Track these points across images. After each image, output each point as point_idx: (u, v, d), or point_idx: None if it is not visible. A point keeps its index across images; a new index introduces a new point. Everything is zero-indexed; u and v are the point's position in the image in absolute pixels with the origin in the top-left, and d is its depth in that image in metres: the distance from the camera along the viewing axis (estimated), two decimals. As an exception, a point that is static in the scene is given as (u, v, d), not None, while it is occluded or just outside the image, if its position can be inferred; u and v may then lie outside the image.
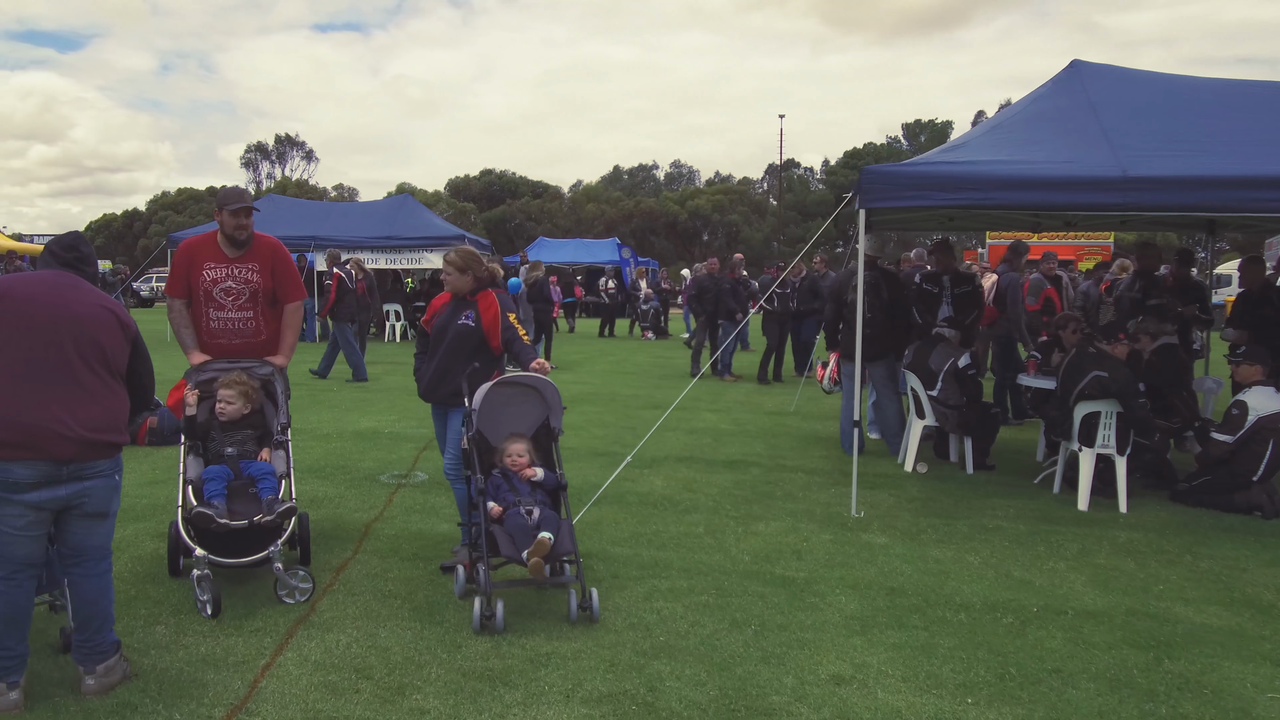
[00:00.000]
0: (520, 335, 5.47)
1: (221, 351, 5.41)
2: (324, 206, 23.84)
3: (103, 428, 3.68)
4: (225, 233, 5.39)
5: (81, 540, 3.78)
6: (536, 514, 4.84)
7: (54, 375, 3.58)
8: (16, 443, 3.47)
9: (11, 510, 3.51)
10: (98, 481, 3.70)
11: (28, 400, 3.51)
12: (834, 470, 8.44)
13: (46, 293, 3.68)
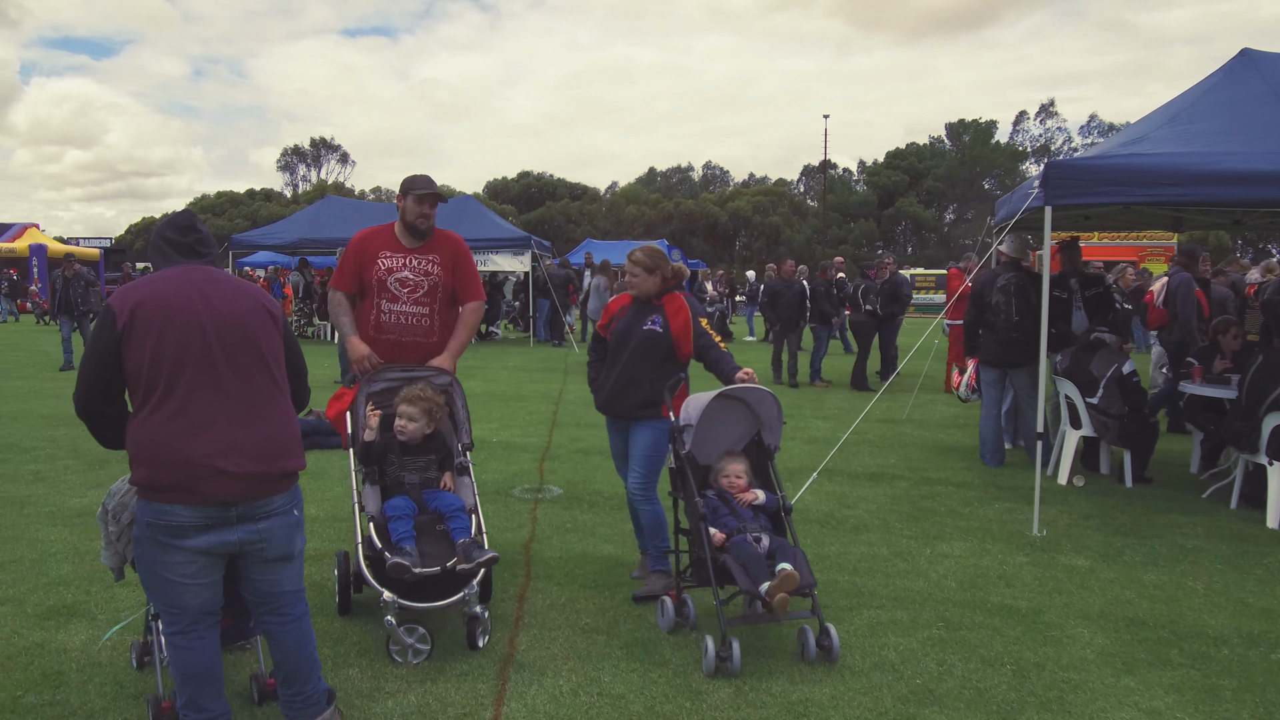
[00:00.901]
0: (716, 342, 4.98)
1: (389, 349, 4.91)
2: (386, 208, 23.36)
3: (274, 453, 3.08)
4: (407, 220, 4.92)
5: (268, 587, 3.24)
6: (766, 541, 4.33)
7: (209, 396, 2.99)
8: (178, 485, 2.93)
9: (177, 557, 2.99)
10: (274, 522, 3.11)
11: (188, 433, 2.94)
12: (985, 484, 7.94)
13: (183, 296, 3.03)
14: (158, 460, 2.92)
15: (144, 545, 3.02)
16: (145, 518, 2.98)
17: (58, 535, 5.83)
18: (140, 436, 2.95)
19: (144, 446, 2.95)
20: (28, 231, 37.31)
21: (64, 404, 11.25)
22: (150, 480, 2.94)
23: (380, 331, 4.90)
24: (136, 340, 2.94)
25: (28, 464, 7.88)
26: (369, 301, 4.91)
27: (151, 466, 2.93)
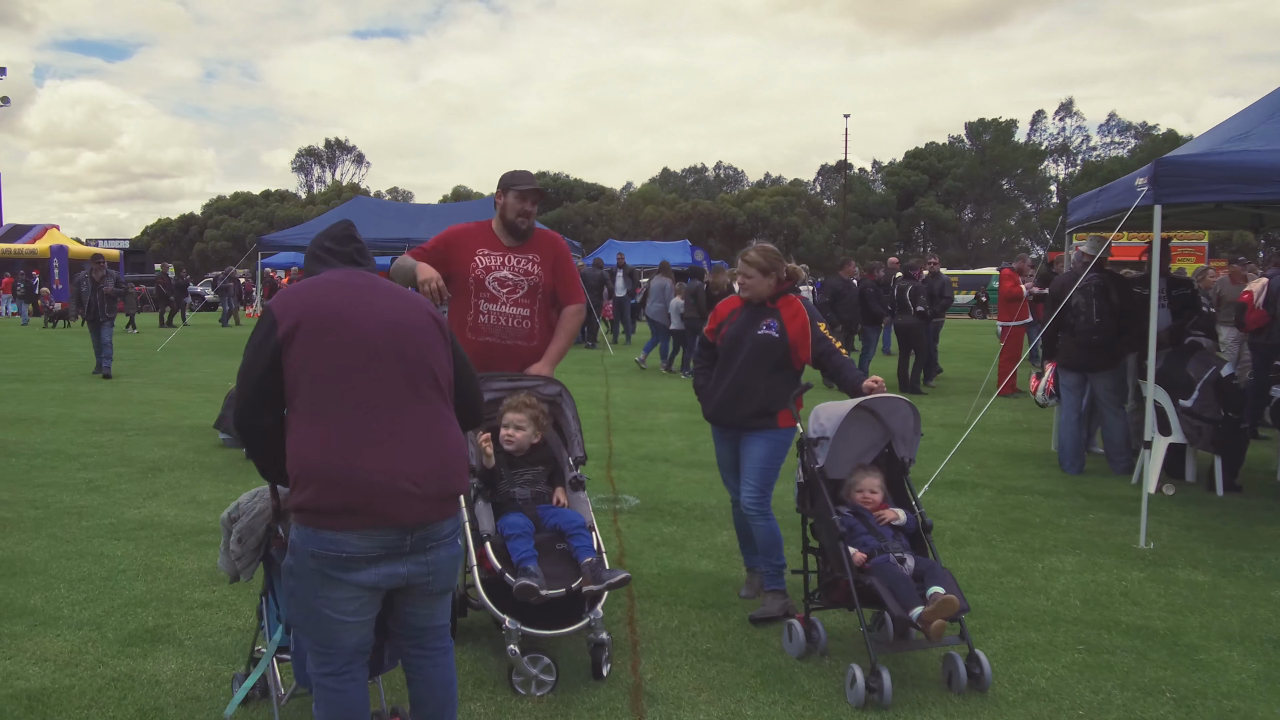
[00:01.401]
0: (837, 347, 4.65)
1: (486, 352, 4.57)
2: (415, 208, 23.10)
3: (449, 474, 2.78)
4: (507, 218, 4.60)
5: (422, 622, 2.90)
6: (910, 562, 4.00)
7: (382, 410, 2.68)
8: (352, 507, 2.57)
9: (342, 593, 2.64)
10: (443, 552, 2.79)
11: (361, 449, 2.61)
12: (1071, 492, 7.61)
13: (352, 303, 2.74)
14: (330, 480, 2.57)
15: (303, 579, 2.65)
16: (309, 548, 2.60)
17: (123, 550, 5.53)
18: (306, 454, 2.60)
19: (311, 465, 2.59)
20: (48, 233, 37.25)
21: (104, 408, 10.99)
22: (318, 503, 2.57)
23: (478, 333, 4.58)
24: (300, 347, 2.62)
25: (78, 472, 7.59)
26: (465, 301, 4.60)
27: (321, 487, 2.57)
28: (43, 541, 5.69)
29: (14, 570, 5.13)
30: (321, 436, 2.58)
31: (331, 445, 2.58)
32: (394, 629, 2.88)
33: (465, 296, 4.60)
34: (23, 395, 12.15)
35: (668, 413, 11.31)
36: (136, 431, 9.48)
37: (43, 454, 8.30)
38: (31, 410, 10.84)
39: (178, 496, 6.84)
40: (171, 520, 6.19)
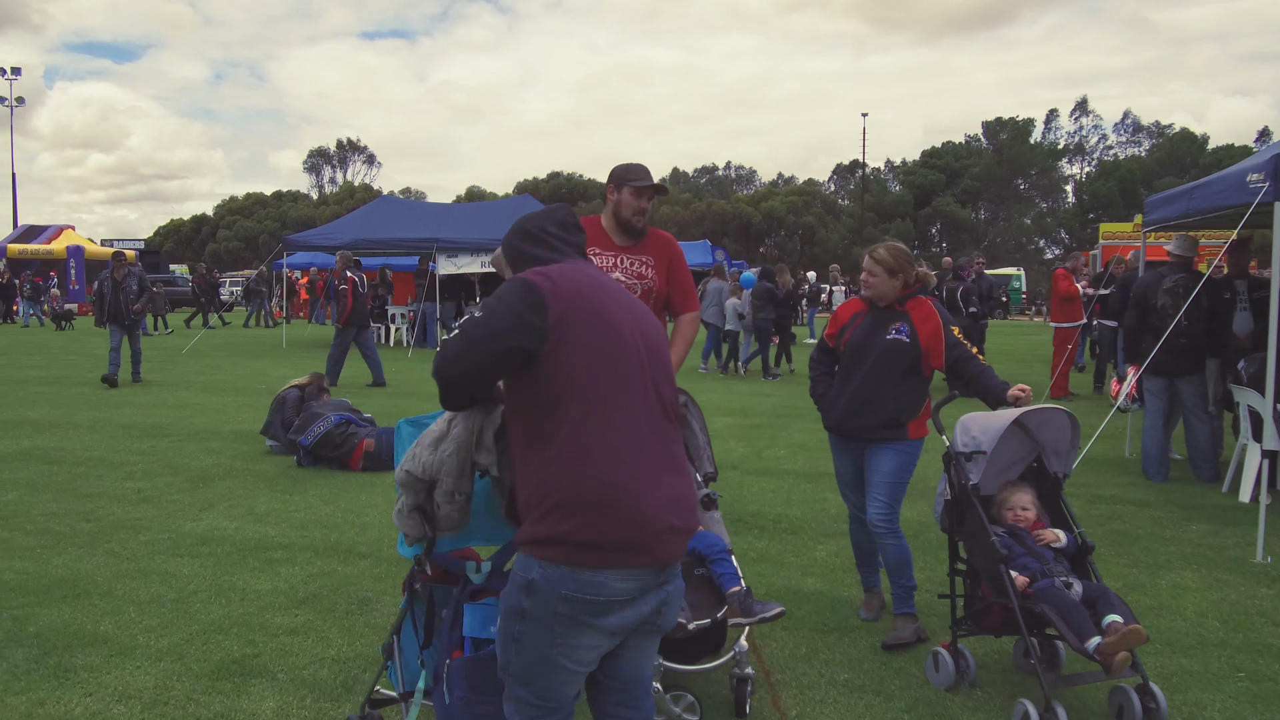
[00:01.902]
0: (974, 352, 4.29)
1: None
2: (440, 208, 22.77)
3: (695, 504, 2.47)
4: (621, 215, 4.22)
5: (635, 669, 2.46)
6: (1078, 587, 3.63)
7: (649, 435, 2.29)
8: (622, 543, 2.18)
9: (590, 639, 2.24)
10: (676, 585, 2.39)
11: (633, 477, 2.21)
12: (1164, 501, 7.25)
13: (615, 306, 2.34)
14: (602, 512, 2.16)
15: (541, 625, 2.20)
16: (560, 590, 2.15)
17: (189, 568, 5.18)
18: (573, 479, 2.17)
19: (581, 492, 2.16)
20: (64, 233, 36.98)
21: (140, 412, 10.65)
22: (582, 537, 2.15)
23: None
24: (575, 346, 2.20)
25: (126, 481, 7.25)
26: None
27: (590, 519, 2.15)
28: (101, 558, 5.34)
29: (77, 591, 4.78)
30: (594, 459, 2.17)
31: (605, 471, 2.17)
32: (602, 680, 2.42)
33: None
34: (54, 398, 11.82)
35: (722, 417, 10.95)
36: (178, 437, 9.14)
37: (85, 461, 7.97)
38: (65, 414, 10.51)
39: (234, 508, 6.50)
40: (232, 535, 5.85)
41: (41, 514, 6.26)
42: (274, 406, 8.43)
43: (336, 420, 7.69)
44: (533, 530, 2.20)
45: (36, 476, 7.37)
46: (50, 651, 4.01)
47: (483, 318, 2.24)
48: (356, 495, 6.88)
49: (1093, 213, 63.57)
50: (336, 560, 5.35)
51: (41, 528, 5.94)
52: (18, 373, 14.88)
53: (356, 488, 7.11)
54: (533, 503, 2.21)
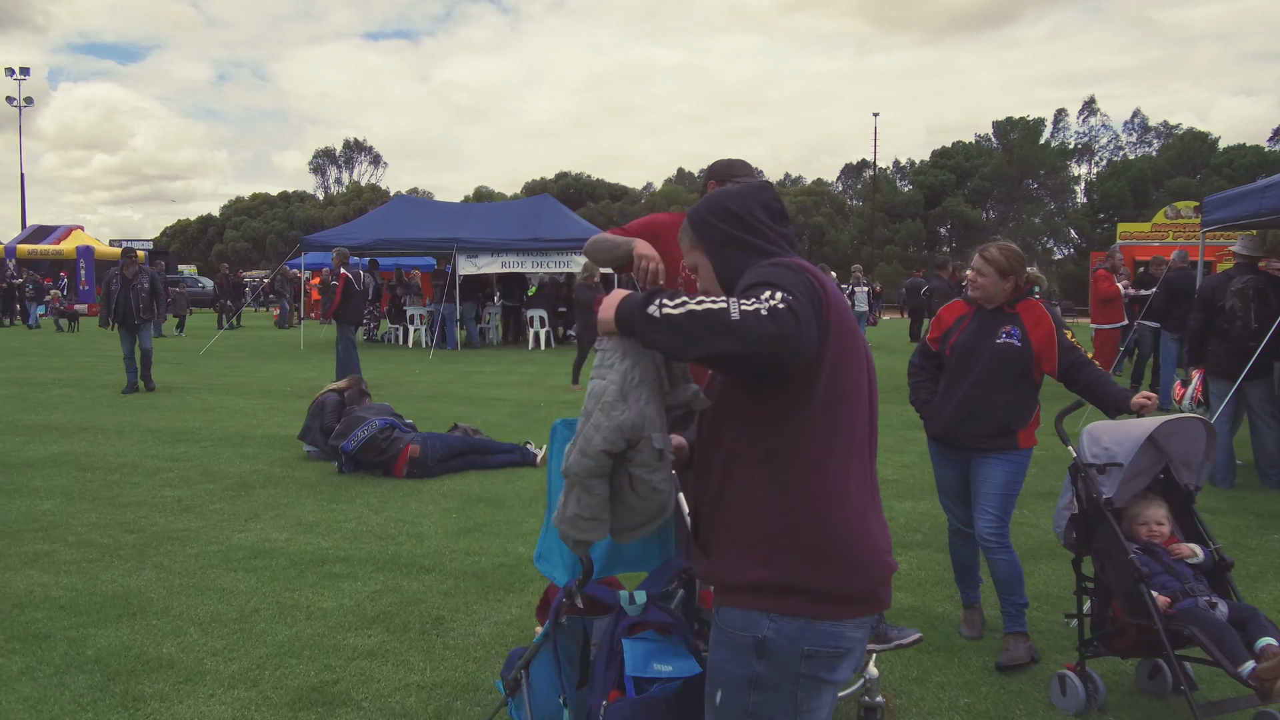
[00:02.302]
0: (1089, 358, 4.03)
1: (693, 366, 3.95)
2: (461, 208, 22.53)
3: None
4: None
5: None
6: (1223, 608, 3.38)
7: (868, 459, 1.96)
8: (864, 592, 1.87)
9: (827, 698, 1.91)
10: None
11: (868, 514, 1.91)
12: (1235, 509, 7.03)
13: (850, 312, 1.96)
14: (849, 556, 1.85)
15: (782, 691, 1.85)
16: (801, 645, 1.83)
17: (245, 584, 4.92)
18: (818, 515, 1.84)
19: (826, 533, 1.84)
20: (73, 234, 36.71)
21: (167, 416, 10.41)
22: (827, 584, 1.83)
23: None
24: (827, 353, 1.84)
25: (163, 489, 6.99)
26: None
27: (837, 564, 1.84)
28: (151, 573, 5.09)
29: (131, 609, 4.52)
30: (838, 497, 1.86)
31: (849, 512, 1.86)
32: None
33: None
34: (76, 402, 11.58)
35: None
36: (209, 442, 8.88)
37: (118, 468, 7.71)
38: (90, 418, 10.26)
39: (280, 518, 6.24)
40: (284, 547, 5.59)
41: (81, 525, 6.01)
42: (312, 411, 8.17)
43: (380, 425, 7.43)
44: (757, 574, 1.83)
45: (71, 484, 7.11)
46: (114, 678, 3.76)
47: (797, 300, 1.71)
48: (405, 504, 6.62)
49: (1103, 213, 63.26)
50: (399, 575, 5.09)
51: (84, 539, 5.69)
52: (36, 375, 14.63)
53: (404, 495, 6.85)
54: (756, 540, 1.84)
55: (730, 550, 1.88)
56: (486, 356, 18.28)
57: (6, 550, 5.45)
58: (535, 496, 6.86)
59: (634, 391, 1.85)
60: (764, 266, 1.87)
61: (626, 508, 1.94)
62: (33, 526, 5.94)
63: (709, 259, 2.04)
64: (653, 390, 1.88)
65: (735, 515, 1.88)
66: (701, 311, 1.68)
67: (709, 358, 1.70)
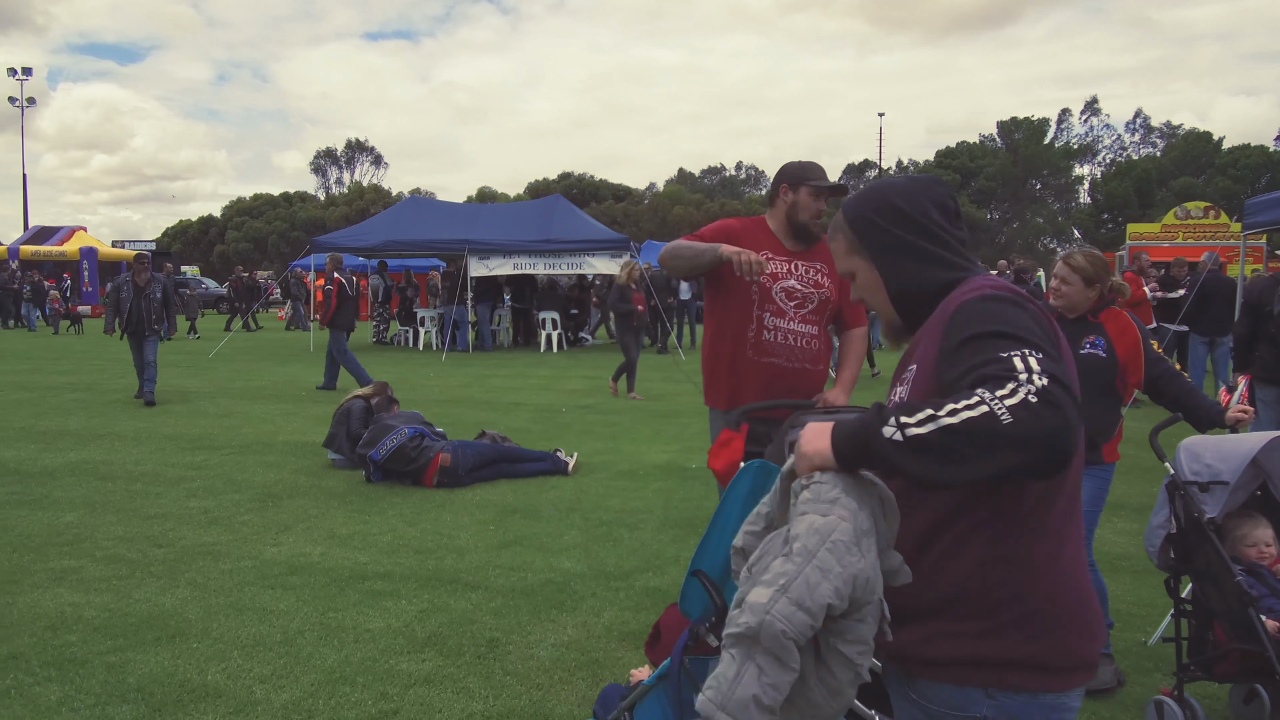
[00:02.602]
0: (1178, 370, 3.86)
1: (769, 376, 3.77)
2: (471, 208, 22.32)
3: None
4: (797, 219, 3.77)
5: None
6: (1334, 633, 3.20)
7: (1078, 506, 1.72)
8: (1087, 660, 1.64)
9: None
10: None
11: (1084, 575, 1.68)
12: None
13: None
14: (1079, 623, 1.63)
15: None
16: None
17: (285, 603, 4.73)
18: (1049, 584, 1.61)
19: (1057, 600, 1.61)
20: (76, 235, 36.50)
21: (183, 421, 10.21)
22: (1057, 656, 1.60)
23: (761, 353, 3.77)
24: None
25: (188, 500, 6.79)
26: (743, 313, 3.78)
27: (1067, 633, 1.61)
28: (185, 590, 4.89)
29: (169, 631, 4.33)
30: (1066, 558, 1.64)
31: (1076, 573, 1.65)
32: None
33: (745, 307, 3.79)
34: (89, 407, 11.37)
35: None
36: (230, 449, 8.69)
37: (139, 477, 7.51)
38: (105, 424, 10.06)
39: (312, 531, 6.05)
40: (320, 562, 5.40)
41: (107, 538, 5.81)
42: (337, 418, 7.98)
43: (410, 434, 7.24)
44: (977, 648, 1.60)
45: (92, 494, 6.92)
46: (160, 709, 3.56)
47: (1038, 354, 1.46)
48: (439, 515, 6.43)
49: (1107, 213, 63.11)
50: (444, 592, 4.89)
51: (111, 554, 5.49)
52: (46, 379, 14.43)
53: (436, 506, 6.65)
54: (976, 610, 1.61)
55: (938, 621, 1.63)
56: (499, 359, 18.08)
57: (33, 566, 5.25)
58: (572, 507, 6.67)
59: (865, 539, 1.46)
60: (977, 303, 1.59)
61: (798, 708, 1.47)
62: (57, 540, 5.75)
63: (874, 266, 1.81)
64: (876, 545, 1.50)
65: (948, 583, 1.62)
66: (960, 424, 1.36)
67: (987, 478, 1.40)
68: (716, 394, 3.92)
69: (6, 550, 5.53)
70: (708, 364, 3.96)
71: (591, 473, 7.84)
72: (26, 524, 6.10)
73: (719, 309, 3.89)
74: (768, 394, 3.72)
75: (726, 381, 3.85)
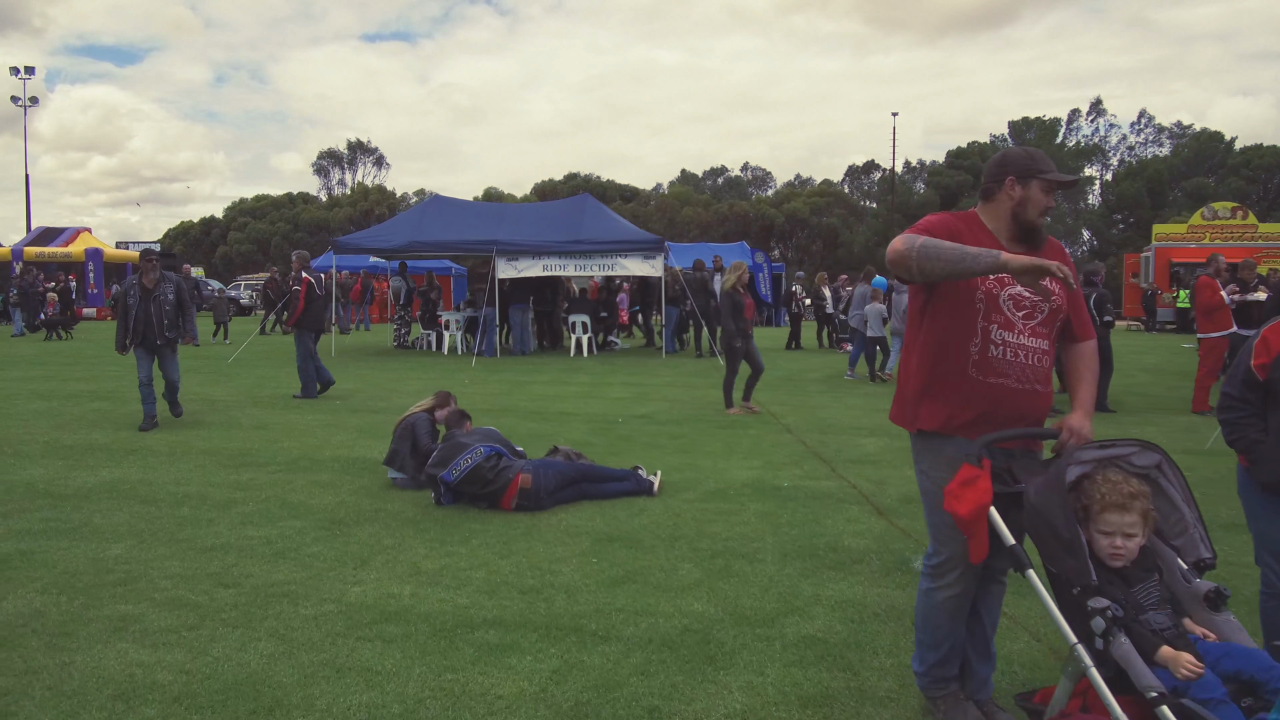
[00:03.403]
0: None
1: (995, 399, 3.18)
2: (496, 208, 21.55)
3: None
4: (1025, 216, 3.23)
5: None
6: None
7: None
8: None
9: None
10: None
11: None
12: None
13: None
14: None
15: None
16: None
17: (391, 661, 4.01)
18: None
19: None
20: (80, 236, 35.76)
21: (218, 434, 9.49)
22: None
23: (986, 371, 3.18)
24: None
25: (245, 528, 6.08)
26: (965, 325, 3.20)
27: None
28: (268, 644, 4.18)
29: (265, 701, 3.61)
30: None
31: None
32: None
33: (968, 318, 3.20)
34: (114, 418, 10.65)
35: (869, 438, 9.78)
36: (275, 467, 7.97)
37: (184, 499, 6.80)
38: (134, 438, 9.34)
39: (393, 565, 5.34)
40: (413, 605, 4.69)
41: (165, 576, 5.10)
42: (399, 433, 7.26)
43: (487, 452, 6.53)
44: None
45: (137, 521, 6.20)
46: (281, 816, 2.85)
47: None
48: (530, 545, 5.73)
49: (1119, 213, 62.58)
50: (571, 644, 4.19)
51: (173, 597, 4.78)
52: (63, 386, 13.69)
53: (523, 534, 5.95)
54: None
55: None
56: (531, 365, 17.39)
57: (85, 613, 4.53)
58: (673, 535, 5.97)
59: None
60: None
61: None
62: (108, 580, 5.03)
63: None
64: None
65: None
66: None
67: None
68: (929, 415, 3.29)
69: (53, 592, 4.81)
70: (915, 381, 3.35)
71: (677, 493, 7.14)
72: (70, 558, 5.39)
73: (931, 318, 3.31)
74: (993, 420, 3.17)
75: (943, 404, 3.24)
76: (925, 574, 3.41)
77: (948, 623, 3.35)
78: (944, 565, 3.28)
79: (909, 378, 3.41)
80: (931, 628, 3.38)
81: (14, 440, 9.09)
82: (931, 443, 3.31)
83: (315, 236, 62.54)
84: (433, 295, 21.18)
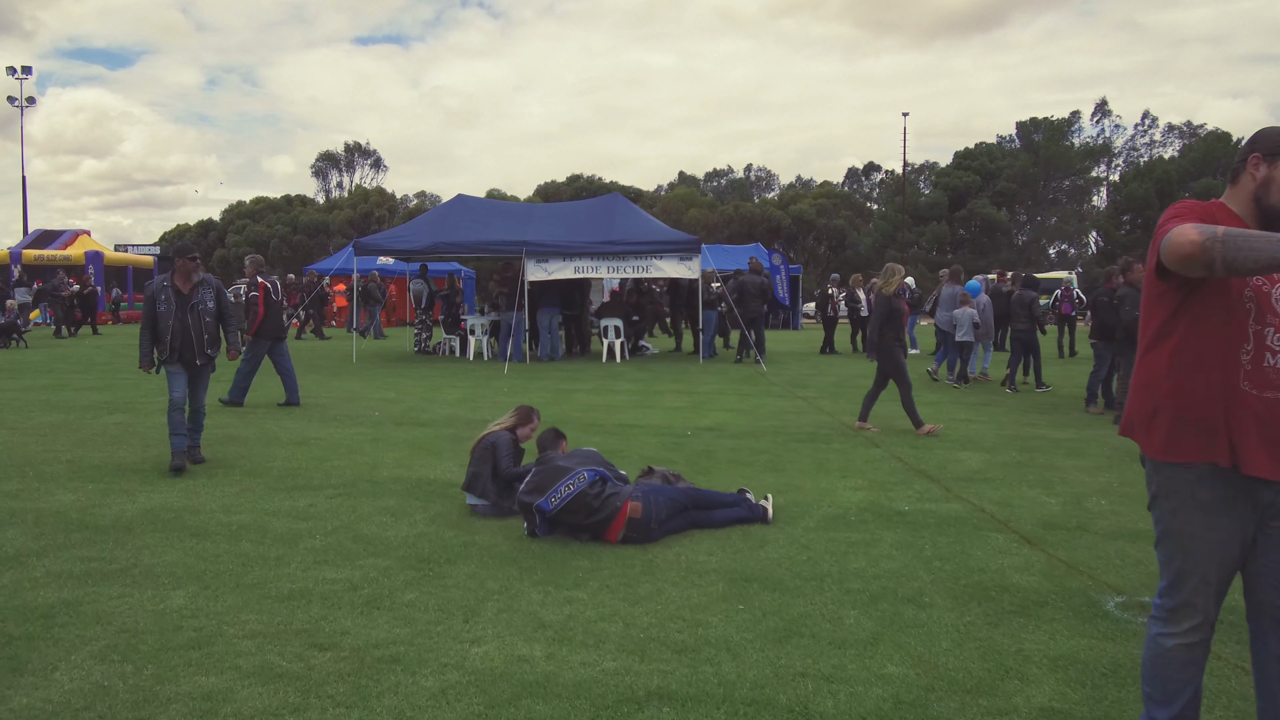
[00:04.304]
0: None
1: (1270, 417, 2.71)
2: (524, 208, 20.76)
3: None
4: (1266, 202, 2.80)
5: None
6: None
7: None
8: None
9: None
10: None
11: None
12: None
13: None
14: None
15: None
16: None
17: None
18: None
19: None
20: (79, 239, 34.85)
21: (257, 451, 8.64)
22: None
23: (1263, 384, 2.71)
24: None
25: (320, 569, 5.26)
26: (1233, 330, 2.74)
27: None
28: (394, 730, 3.36)
29: (418, 821, 2.79)
30: None
31: None
32: None
33: (1236, 322, 2.75)
34: (139, 432, 9.80)
35: (963, 451, 9.00)
36: (332, 490, 7.15)
37: (241, 532, 5.97)
38: (166, 455, 8.49)
39: (510, 616, 4.53)
40: (553, 671, 3.88)
41: (244, 635, 4.27)
42: (478, 455, 6.44)
43: (591, 477, 5.72)
44: None
45: (194, 561, 5.37)
46: None
47: None
48: (658, 587, 4.93)
49: (1127, 214, 62.09)
50: (764, 728, 3.39)
51: (262, 664, 3.95)
52: (77, 397, 12.81)
53: (642, 574, 5.15)
54: None
55: None
56: (565, 370, 16.57)
57: (160, 689, 3.70)
58: (816, 574, 5.18)
59: None
60: None
61: None
62: (178, 641, 4.20)
63: None
64: None
65: None
66: None
67: None
68: (1186, 443, 2.77)
69: (114, 659, 3.98)
70: (1163, 398, 2.83)
71: (792, 520, 6.35)
72: (126, 611, 4.56)
73: (1186, 322, 2.82)
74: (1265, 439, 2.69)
75: (1204, 429, 2.73)
76: (1156, 619, 2.93)
77: (1181, 674, 2.89)
78: (1180, 611, 2.86)
79: (1152, 394, 2.85)
80: (1161, 680, 2.94)
81: (35, 460, 8.25)
82: (1185, 476, 2.78)
83: (314, 239, 61.63)
84: (455, 299, 20.35)
